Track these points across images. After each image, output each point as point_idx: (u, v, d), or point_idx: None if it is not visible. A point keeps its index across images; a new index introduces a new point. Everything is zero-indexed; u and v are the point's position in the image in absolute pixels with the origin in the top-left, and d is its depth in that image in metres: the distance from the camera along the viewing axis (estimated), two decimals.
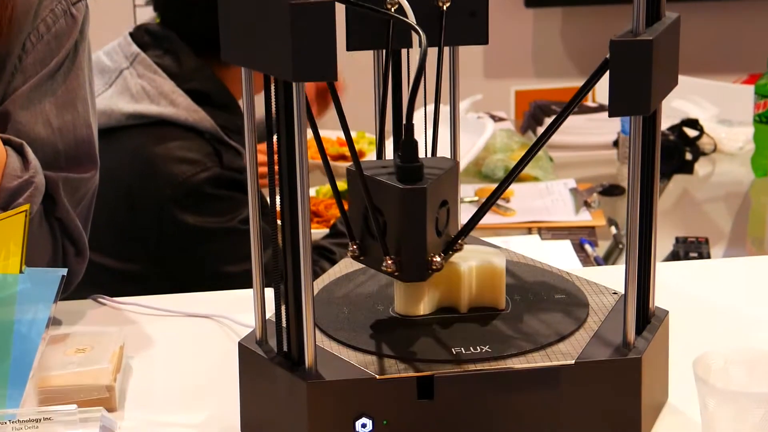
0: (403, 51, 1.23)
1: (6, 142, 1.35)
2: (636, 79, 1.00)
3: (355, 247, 1.11)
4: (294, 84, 0.98)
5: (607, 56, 1.00)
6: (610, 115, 1.02)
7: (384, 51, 1.21)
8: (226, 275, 1.83)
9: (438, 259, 1.07)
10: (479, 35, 1.24)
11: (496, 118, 3.02)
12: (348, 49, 1.22)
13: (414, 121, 1.07)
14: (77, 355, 1.22)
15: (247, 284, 1.63)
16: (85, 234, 1.44)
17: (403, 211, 1.06)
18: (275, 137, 1.03)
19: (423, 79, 1.06)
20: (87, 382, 1.18)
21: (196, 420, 1.16)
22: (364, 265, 1.24)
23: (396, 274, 1.08)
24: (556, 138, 2.81)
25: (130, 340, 1.30)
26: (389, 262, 1.07)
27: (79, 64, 1.45)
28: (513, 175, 1.08)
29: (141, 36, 1.95)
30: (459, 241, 1.11)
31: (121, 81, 1.91)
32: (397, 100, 1.25)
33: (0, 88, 1.40)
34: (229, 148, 1.90)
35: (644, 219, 1.09)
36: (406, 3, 1.11)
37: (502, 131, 2.73)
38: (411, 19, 1.10)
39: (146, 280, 1.84)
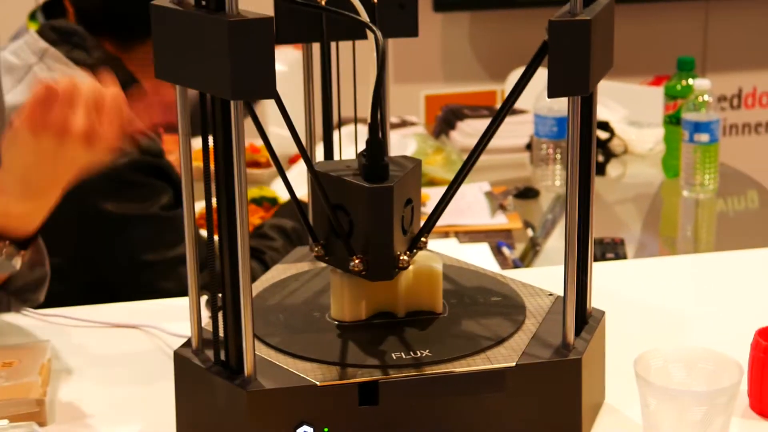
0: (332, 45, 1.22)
1: None
2: (575, 60, 1.00)
3: (319, 247, 1.09)
4: (232, 102, 0.97)
5: (546, 38, 1.00)
6: (549, 96, 1.01)
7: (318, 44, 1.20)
8: (146, 264, 1.79)
9: (405, 257, 1.07)
10: (409, 28, 1.23)
11: (407, 123, 3.02)
12: (277, 43, 1.21)
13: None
14: (4, 369, 1.19)
15: (168, 273, 1.60)
16: None
17: (371, 210, 1.06)
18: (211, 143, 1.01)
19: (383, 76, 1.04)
20: (16, 396, 1.15)
21: None
22: (295, 272, 1.23)
23: (363, 273, 1.07)
24: (468, 141, 2.80)
25: (57, 352, 1.27)
26: (356, 261, 1.06)
27: None
28: (461, 177, 1.10)
29: (48, 33, 1.91)
30: (423, 239, 1.10)
31: (31, 77, 1.86)
32: (327, 95, 1.25)
33: None
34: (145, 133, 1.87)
35: (583, 215, 1.09)
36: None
37: (417, 135, 2.72)
38: (362, 13, 1.08)
39: (68, 274, 1.80)
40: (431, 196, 2.50)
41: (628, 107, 2.84)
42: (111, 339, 1.34)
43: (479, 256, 2.22)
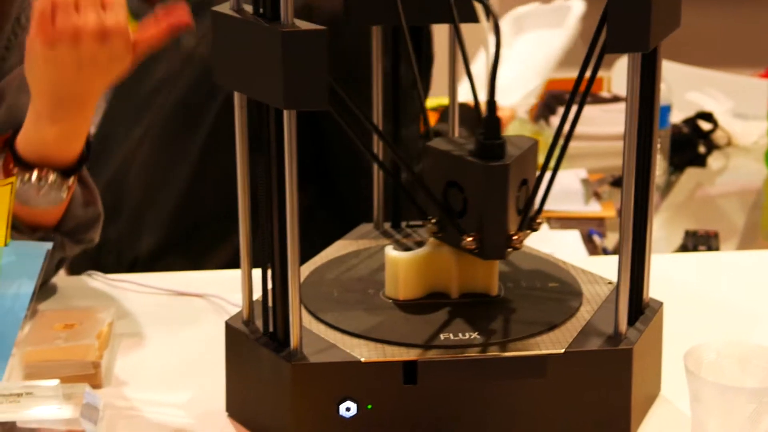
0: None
1: None
2: (635, 14, 0.98)
3: (433, 223, 1.10)
4: (285, 111, 0.97)
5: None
6: (607, 51, 0.99)
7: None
8: None
9: (518, 237, 1.06)
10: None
11: None
12: (346, 23, 1.21)
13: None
14: (65, 330, 1.21)
15: None
16: None
17: (487, 189, 1.05)
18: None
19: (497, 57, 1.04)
20: (72, 358, 1.17)
21: (181, 399, 1.15)
22: (355, 249, 1.23)
23: (476, 251, 1.06)
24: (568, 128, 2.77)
25: (120, 317, 1.29)
26: (469, 239, 1.06)
27: None
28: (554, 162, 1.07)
29: None
30: (537, 220, 1.10)
31: None
32: (397, 76, 1.24)
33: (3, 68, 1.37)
34: None
35: (640, 198, 1.07)
36: None
37: (516, 120, 2.70)
38: None
39: None
40: None
41: (733, 99, 2.78)
42: (175, 306, 1.35)
43: (568, 243, 2.20)
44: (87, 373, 1.16)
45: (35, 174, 1.25)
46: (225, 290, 1.36)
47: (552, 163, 1.07)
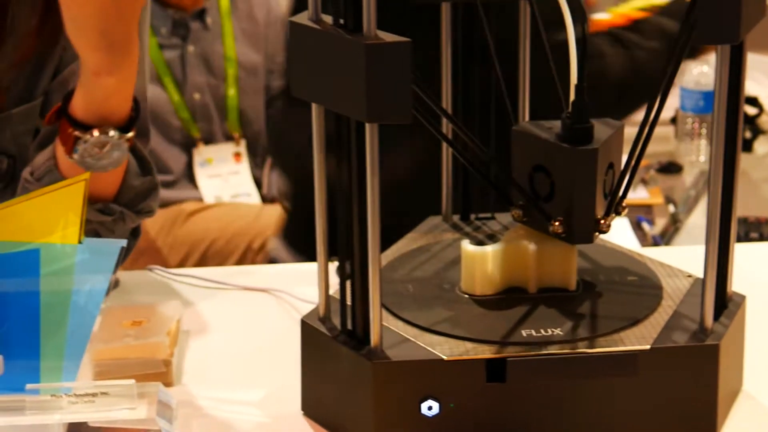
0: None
1: None
2: (725, 5, 0.96)
3: (518, 210, 1.09)
4: (367, 124, 0.95)
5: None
6: (694, 43, 0.98)
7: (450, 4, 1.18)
8: None
9: (604, 221, 1.05)
10: None
11: None
12: (411, 3, 1.19)
13: None
14: (133, 327, 1.19)
15: None
16: None
17: (575, 173, 1.04)
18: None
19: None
20: (144, 356, 1.15)
21: (255, 397, 1.13)
22: (425, 243, 1.21)
23: (563, 235, 1.06)
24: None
25: (186, 313, 1.27)
26: (557, 224, 1.05)
27: (140, 34, 1.41)
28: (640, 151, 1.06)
29: None
30: (622, 204, 1.09)
31: None
32: (468, 59, 1.22)
33: (55, 54, 1.37)
34: None
35: (725, 191, 1.05)
36: None
37: None
38: None
39: None
40: None
41: None
42: (240, 302, 1.34)
43: (618, 231, 2.18)
44: (158, 372, 1.15)
45: (97, 132, 1.25)
46: (289, 284, 1.34)
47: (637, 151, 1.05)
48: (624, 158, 1.08)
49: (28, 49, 1.35)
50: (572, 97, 1.05)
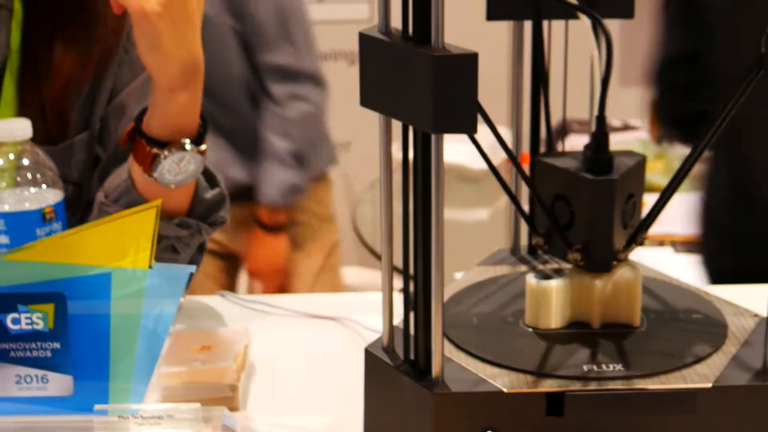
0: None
1: None
2: None
3: (539, 238, 1.11)
4: (433, 135, 0.96)
5: (762, 50, 0.97)
6: None
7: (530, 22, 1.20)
8: None
9: (622, 252, 1.07)
10: (625, 8, 1.20)
11: (630, 127, 2.97)
12: (488, 19, 1.20)
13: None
14: (202, 352, 1.21)
15: None
16: None
17: (594, 202, 1.06)
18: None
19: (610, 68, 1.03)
20: (211, 381, 1.17)
21: (318, 424, 1.15)
22: (493, 275, 1.22)
23: (581, 264, 1.07)
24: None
25: (254, 338, 1.29)
26: (575, 252, 1.07)
27: None
28: (679, 178, 1.08)
29: None
30: (642, 235, 1.10)
31: None
32: (539, 78, 1.22)
33: (108, 81, 1.40)
34: None
35: None
36: None
37: (637, 141, 2.68)
38: None
39: None
40: (648, 202, 2.45)
41: None
42: (308, 329, 1.36)
43: (692, 267, 2.17)
44: (224, 396, 1.17)
45: (173, 147, 1.29)
46: (357, 313, 1.36)
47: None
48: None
49: (87, 67, 1.39)
50: (593, 128, 1.07)
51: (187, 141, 1.29)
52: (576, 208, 1.07)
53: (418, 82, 0.95)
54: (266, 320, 1.37)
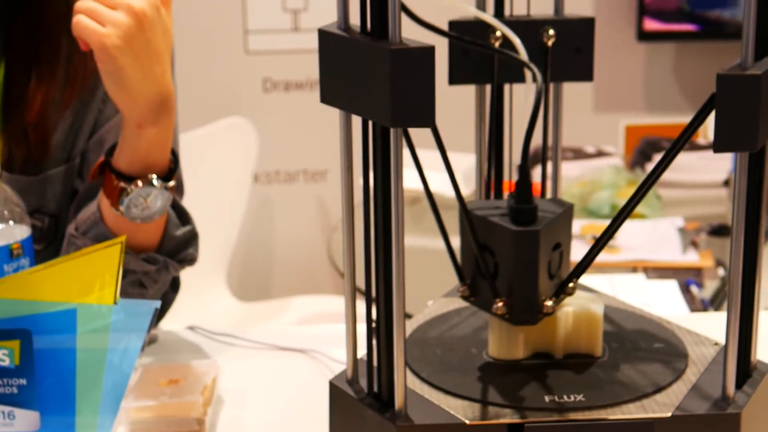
0: (506, 86, 1.21)
1: None
2: (742, 115, 0.97)
3: (465, 287, 1.09)
4: (392, 129, 0.97)
5: (714, 91, 0.98)
6: (715, 151, 0.99)
7: (487, 86, 1.21)
8: None
9: (549, 303, 1.06)
10: (584, 72, 1.22)
11: (604, 153, 2.99)
12: (450, 83, 1.21)
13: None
14: (170, 386, 1.22)
15: None
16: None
17: (516, 254, 1.05)
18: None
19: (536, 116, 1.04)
20: (178, 414, 1.18)
21: None
22: (458, 306, 1.23)
23: (506, 316, 1.06)
24: (665, 175, 2.78)
25: (222, 371, 1.30)
26: (500, 304, 1.06)
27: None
28: (622, 216, 1.06)
29: None
30: (570, 285, 1.09)
31: None
32: (499, 136, 1.24)
33: (91, 115, 1.41)
34: None
35: (748, 263, 1.06)
36: (516, 39, 1.09)
37: (610, 168, 2.69)
38: (522, 55, 1.08)
39: None
40: (621, 229, 2.46)
41: None
42: (276, 361, 1.36)
43: (666, 294, 2.18)
44: (192, 430, 1.17)
45: (140, 182, 1.29)
46: (325, 345, 1.36)
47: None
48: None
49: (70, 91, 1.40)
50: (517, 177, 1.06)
51: (155, 177, 1.30)
52: (500, 259, 1.06)
53: (376, 76, 0.96)
54: (234, 353, 1.38)
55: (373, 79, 0.96)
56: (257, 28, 3.28)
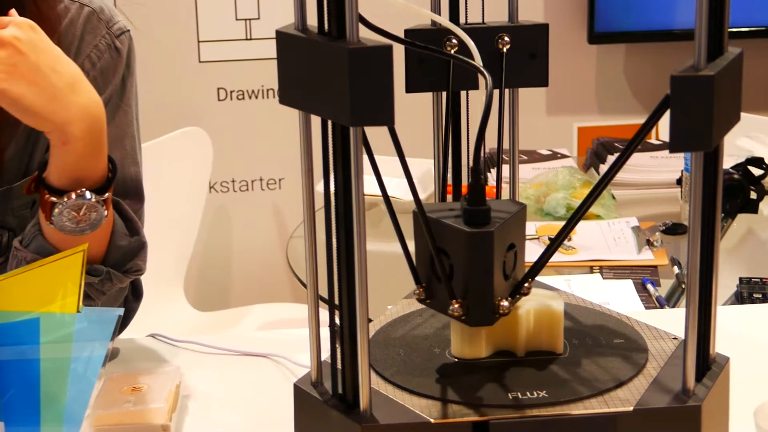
0: (463, 93, 1.22)
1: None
2: (697, 115, 0.99)
3: (421, 290, 1.10)
4: (351, 128, 0.98)
5: (668, 92, 0.99)
6: (670, 151, 1.00)
7: (443, 93, 1.21)
8: None
9: (505, 303, 1.07)
10: (539, 77, 1.23)
11: (558, 155, 3.01)
12: (407, 91, 1.22)
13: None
14: (133, 393, 1.22)
15: None
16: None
17: (470, 255, 1.05)
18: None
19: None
20: (142, 422, 1.18)
21: None
22: (421, 307, 1.24)
23: (463, 318, 1.07)
24: (619, 176, 2.79)
25: (186, 378, 1.30)
26: (456, 305, 1.06)
27: (127, 100, 1.45)
28: (577, 216, 1.07)
29: None
30: (526, 285, 1.10)
31: None
32: (457, 142, 1.25)
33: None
34: None
35: (705, 261, 1.07)
36: (472, 44, 1.10)
37: (564, 168, 2.71)
38: (477, 60, 1.09)
39: None
40: (577, 230, 2.48)
41: None
42: (240, 367, 1.37)
43: (623, 293, 2.20)
44: None
45: (73, 195, 1.29)
46: (288, 350, 1.37)
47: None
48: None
49: None
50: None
51: (86, 191, 1.29)
52: (455, 261, 1.07)
53: (334, 76, 0.97)
54: (197, 359, 1.38)
55: (331, 80, 0.97)
56: (210, 38, 3.28)
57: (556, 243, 1.08)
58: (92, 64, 1.42)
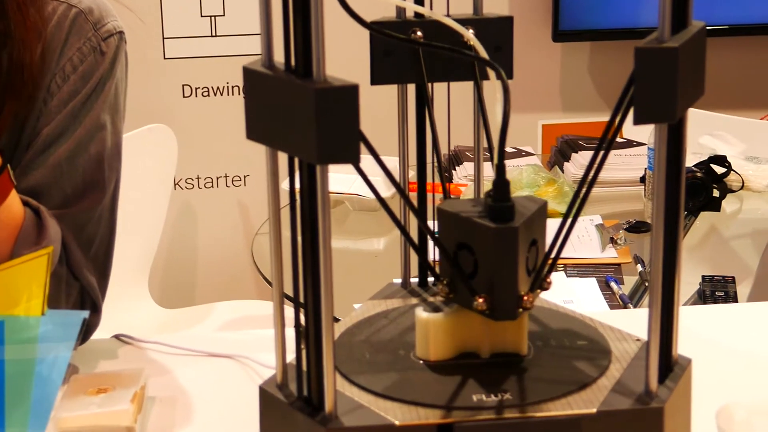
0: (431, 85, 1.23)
1: (24, 203, 1.34)
2: (661, 87, 0.99)
3: (443, 285, 1.11)
4: (318, 166, 0.99)
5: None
6: (635, 123, 1.00)
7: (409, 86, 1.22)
8: None
9: (528, 297, 1.08)
10: (504, 70, 1.23)
11: (523, 153, 3.02)
12: (372, 83, 1.22)
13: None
14: (98, 395, 1.22)
15: None
16: (100, 285, 1.43)
17: (496, 250, 1.06)
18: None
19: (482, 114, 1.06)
20: (107, 423, 1.18)
21: None
22: (385, 309, 1.24)
23: (487, 312, 1.08)
24: (581, 173, 2.81)
25: (152, 379, 1.30)
26: (480, 300, 1.07)
27: (100, 103, 1.44)
28: (571, 215, 1.08)
29: None
30: (547, 279, 1.11)
31: None
32: (421, 136, 1.25)
33: (25, 133, 1.40)
34: None
35: (668, 260, 1.08)
36: (473, 37, 1.10)
37: (529, 167, 2.72)
38: (481, 53, 1.09)
39: None
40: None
41: (746, 142, 2.80)
42: (205, 368, 1.37)
43: (586, 291, 2.22)
44: None
45: None
46: (253, 350, 1.37)
47: (573, 211, 1.08)
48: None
49: None
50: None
51: None
52: (479, 257, 1.08)
53: (301, 114, 0.97)
54: (162, 360, 1.38)
55: (298, 118, 0.97)
56: (175, 34, 3.27)
57: (556, 243, 1.08)
58: (73, 67, 1.40)
